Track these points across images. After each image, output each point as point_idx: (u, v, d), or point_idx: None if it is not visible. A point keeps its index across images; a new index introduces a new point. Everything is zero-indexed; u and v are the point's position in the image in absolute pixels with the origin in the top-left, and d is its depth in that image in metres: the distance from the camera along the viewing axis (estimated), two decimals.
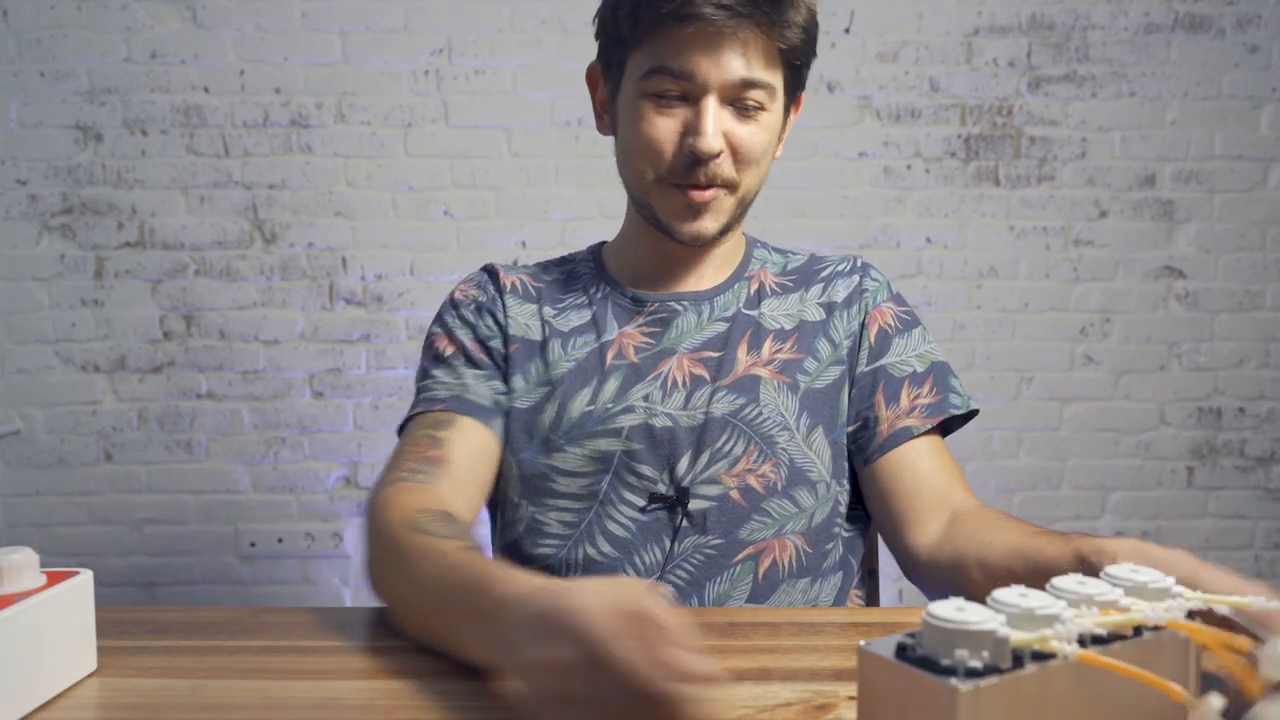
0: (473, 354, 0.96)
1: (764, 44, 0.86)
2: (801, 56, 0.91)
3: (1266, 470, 2.29)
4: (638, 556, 0.89)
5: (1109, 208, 2.24)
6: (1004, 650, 0.42)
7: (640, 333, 0.96)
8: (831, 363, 0.96)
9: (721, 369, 0.93)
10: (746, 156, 0.89)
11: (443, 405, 0.92)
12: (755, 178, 0.92)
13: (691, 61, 0.85)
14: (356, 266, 2.20)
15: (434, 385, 0.95)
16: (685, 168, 0.88)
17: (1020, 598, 0.45)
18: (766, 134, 0.90)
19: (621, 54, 0.91)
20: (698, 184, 0.88)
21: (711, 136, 0.86)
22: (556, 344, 0.96)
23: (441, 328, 0.99)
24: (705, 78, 0.85)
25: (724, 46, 0.85)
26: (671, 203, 0.91)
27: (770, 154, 0.93)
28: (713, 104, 0.86)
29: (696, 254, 0.98)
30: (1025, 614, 0.44)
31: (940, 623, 0.43)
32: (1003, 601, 0.45)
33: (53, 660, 0.59)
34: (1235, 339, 2.27)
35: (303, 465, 2.22)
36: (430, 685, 0.61)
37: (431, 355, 0.98)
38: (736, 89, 0.86)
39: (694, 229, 0.91)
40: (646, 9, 0.85)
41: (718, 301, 0.98)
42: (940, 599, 0.46)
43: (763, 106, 0.88)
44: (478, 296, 1.00)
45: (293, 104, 2.16)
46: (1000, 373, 2.27)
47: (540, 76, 2.16)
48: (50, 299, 2.17)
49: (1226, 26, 2.20)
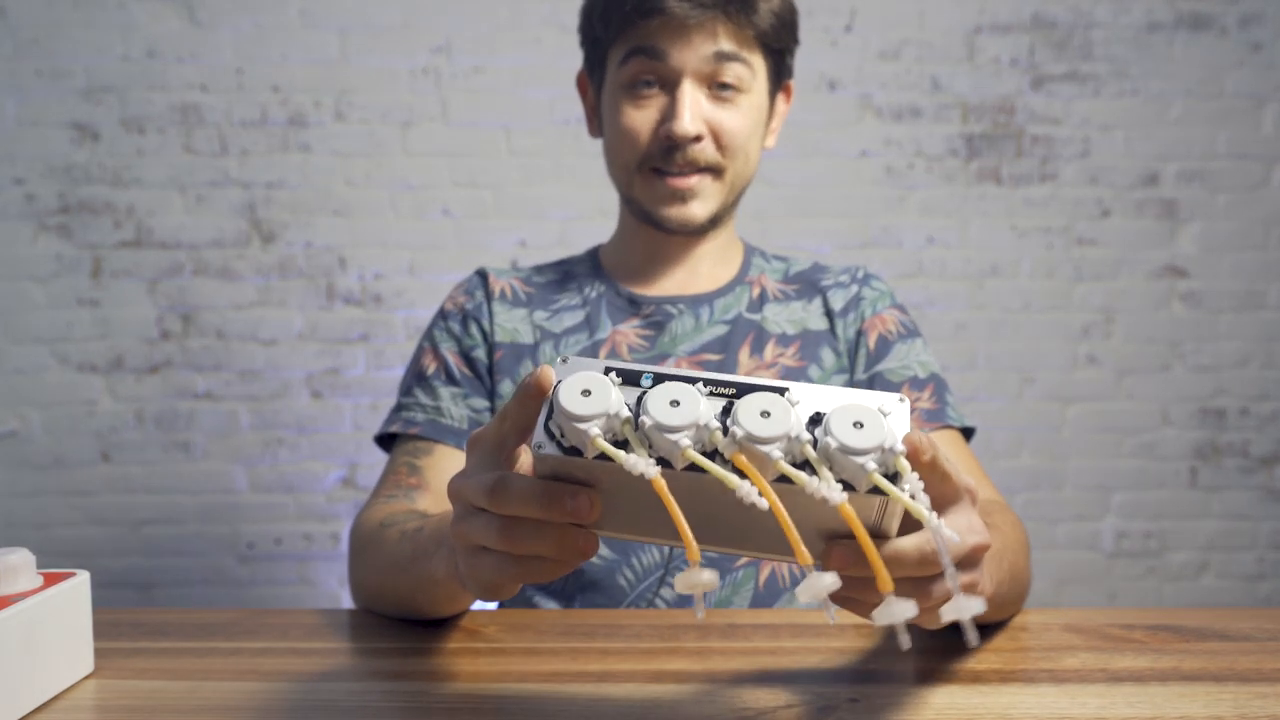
0: (454, 370, 0.96)
1: (734, 30, 0.87)
2: (779, 41, 0.91)
3: (1270, 471, 2.29)
4: (635, 559, 0.88)
5: (1111, 207, 2.24)
6: (584, 443, 0.44)
7: (635, 333, 0.96)
8: (835, 371, 0.95)
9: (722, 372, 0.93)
10: (730, 141, 0.89)
11: (418, 429, 0.92)
12: (742, 164, 0.92)
13: (663, 43, 0.87)
14: (355, 266, 2.19)
15: (412, 405, 0.95)
16: (663, 153, 0.89)
17: (674, 408, 0.44)
18: (748, 118, 0.90)
19: (601, 54, 0.94)
20: (679, 170, 0.89)
21: (687, 120, 0.87)
22: (548, 345, 0.96)
23: (429, 341, 1.00)
24: (679, 59, 0.87)
25: (694, 33, 0.87)
26: (655, 190, 0.91)
27: (756, 140, 0.92)
28: (688, 87, 0.88)
29: (690, 251, 0.97)
30: (656, 428, 0.44)
31: (560, 403, 0.45)
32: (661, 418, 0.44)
33: (49, 662, 0.58)
34: (1239, 339, 2.27)
35: (301, 466, 2.21)
36: (429, 687, 0.61)
37: (415, 371, 0.98)
38: (711, 65, 0.87)
39: (681, 215, 0.91)
40: (616, 7, 0.88)
41: (718, 304, 0.97)
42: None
43: (741, 88, 0.88)
44: (465, 304, 1.00)
45: (291, 102, 2.15)
46: (1002, 373, 2.26)
47: (540, 75, 2.16)
48: (47, 298, 2.16)
49: (1229, 25, 2.20)
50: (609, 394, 0.45)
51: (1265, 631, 0.72)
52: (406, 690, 0.60)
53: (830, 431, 0.44)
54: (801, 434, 0.44)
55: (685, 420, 0.44)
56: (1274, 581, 2.30)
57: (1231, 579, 2.30)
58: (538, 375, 0.47)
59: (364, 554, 0.80)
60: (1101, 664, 0.65)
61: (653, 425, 0.44)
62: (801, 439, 0.44)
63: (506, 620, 0.75)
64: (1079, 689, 0.60)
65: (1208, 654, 0.67)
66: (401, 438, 0.93)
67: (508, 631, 0.72)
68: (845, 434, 0.44)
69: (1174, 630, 0.72)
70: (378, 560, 0.76)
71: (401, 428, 0.93)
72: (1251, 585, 2.30)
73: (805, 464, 0.44)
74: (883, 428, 0.44)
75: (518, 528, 0.47)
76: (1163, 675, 0.62)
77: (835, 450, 0.44)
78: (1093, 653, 0.67)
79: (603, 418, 0.44)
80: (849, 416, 0.44)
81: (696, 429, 0.44)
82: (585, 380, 0.45)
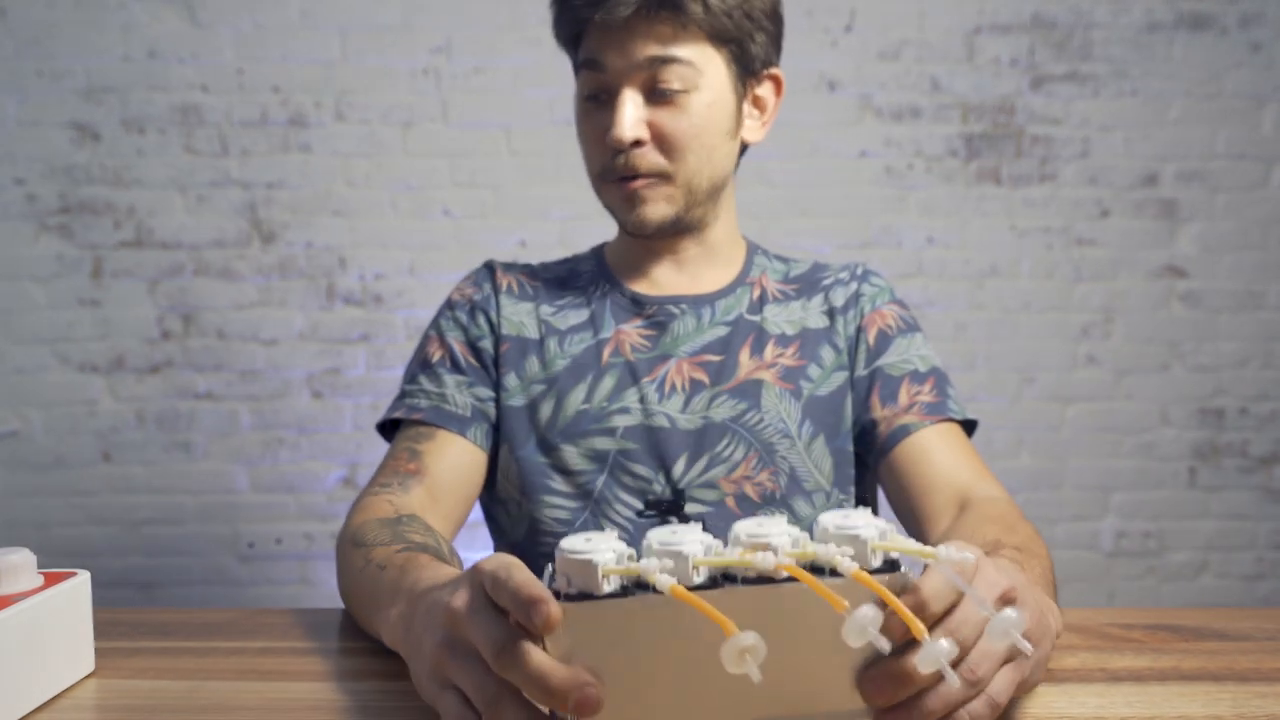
0: (459, 358, 0.96)
1: (675, 24, 0.86)
2: (732, 30, 0.88)
3: (1269, 471, 2.29)
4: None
5: (1111, 207, 2.24)
6: (593, 577, 0.43)
7: (638, 333, 0.96)
8: (835, 369, 0.95)
9: (723, 373, 0.93)
10: (672, 142, 0.88)
11: (421, 415, 0.93)
12: (696, 165, 0.90)
13: (601, 52, 0.87)
14: (355, 266, 2.19)
15: (416, 392, 0.95)
16: (609, 161, 0.89)
17: (672, 534, 0.46)
18: (695, 118, 0.88)
19: (572, 62, 0.95)
20: (622, 175, 0.89)
21: (623, 126, 0.87)
22: (553, 341, 0.96)
23: (435, 330, 1.00)
24: (614, 67, 0.87)
25: (632, 33, 0.86)
26: (612, 196, 0.93)
27: (711, 137, 0.90)
28: (627, 95, 0.88)
29: (680, 253, 0.98)
30: (663, 548, 0.44)
31: (560, 552, 0.45)
32: (659, 539, 0.46)
33: (50, 661, 0.59)
34: (1238, 339, 2.27)
35: (301, 466, 2.21)
36: None
37: (421, 359, 0.99)
38: (646, 70, 0.87)
39: (635, 218, 0.91)
40: (563, 9, 0.90)
41: (719, 305, 0.97)
42: None
43: (685, 88, 0.87)
44: (473, 295, 1.00)
45: (291, 103, 2.15)
46: (1001, 373, 2.26)
47: (540, 75, 2.16)
48: (48, 299, 2.16)
49: (1229, 25, 2.20)
50: (610, 538, 0.46)
51: (1264, 631, 0.72)
52: (406, 690, 0.59)
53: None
54: (803, 540, 0.45)
55: (684, 541, 0.45)
56: (1273, 581, 2.30)
57: (1230, 579, 2.30)
58: (547, 618, 0.42)
59: (338, 557, 0.80)
60: (1100, 663, 0.65)
61: (658, 546, 0.45)
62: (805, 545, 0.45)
63: None
64: (1078, 688, 0.60)
65: (1206, 654, 0.67)
66: (405, 424, 0.94)
67: None
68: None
69: (1173, 630, 0.72)
70: (343, 576, 0.77)
71: (405, 413, 0.93)
72: (1250, 585, 2.30)
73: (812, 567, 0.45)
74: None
75: (507, 697, 0.44)
76: (1161, 675, 0.62)
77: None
78: (1091, 652, 0.67)
79: (609, 551, 0.45)
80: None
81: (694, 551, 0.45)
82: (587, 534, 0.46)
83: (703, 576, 0.45)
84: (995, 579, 0.48)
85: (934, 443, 0.90)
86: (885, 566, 0.46)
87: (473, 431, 0.93)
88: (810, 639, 0.45)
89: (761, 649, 0.40)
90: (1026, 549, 0.69)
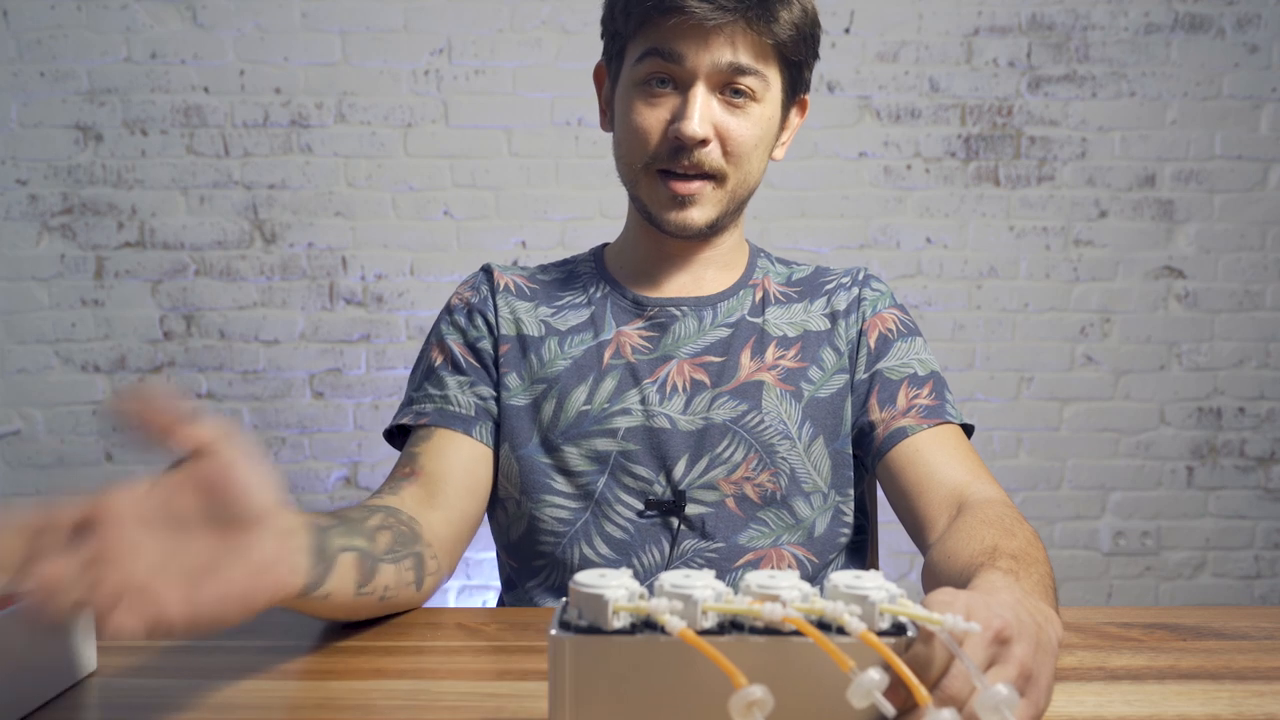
0: (460, 360, 0.96)
1: (753, 39, 0.87)
2: (797, 54, 0.90)
3: (1266, 470, 2.29)
4: (636, 559, 0.89)
5: (1109, 208, 2.24)
6: (604, 613, 0.45)
7: (639, 335, 0.96)
8: (836, 371, 0.96)
9: (724, 374, 0.93)
10: (736, 148, 0.88)
11: (427, 419, 0.93)
12: (746, 173, 0.91)
13: (681, 46, 0.86)
14: (356, 266, 2.19)
15: (421, 398, 0.96)
16: (670, 154, 0.88)
17: (685, 578, 0.47)
18: (758, 128, 0.89)
19: (620, 47, 0.93)
20: (683, 173, 0.89)
21: (696, 121, 0.86)
22: (553, 342, 0.96)
23: (435, 336, 1.00)
24: (694, 62, 0.86)
25: (712, 37, 0.86)
26: (657, 193, 0.91)
27: (763, 150, 0.92)
28: (700, 91, 0.87)
29: (694, 255, 0.97)
30: (674, 590, 0.46)
31: (574, 584, 0.46)
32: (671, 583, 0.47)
33: (52, 661, 0.59)
34: (1235, 339, 2.27)
35: (303, 465, 2.21)
36: (429, 686, 0.61)
37: (424, 367, 0.99)
38: (725, 75, 0.87)
39: (680, 219, 0.90)
40: (638, 2, 0.87)
41: (721, 307, 0.97)
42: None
43: (754, 97, 0.88)
44: (470, 299, 1.00)
45: (293, 104, 2.16)
46: (1000, 373, 2.27)
47: (540, 76, 2.16)
48: (50, 299, 2.16)
49: (1226, 26, 2.20)
50: (625, 575, 0.47)
51: (1261, 630, 0.72)
52: (406, 690, 0.60)
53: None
54: (812, 597, 0.46)
55: (694, 584, 0.46)
56: (1270, 580, 2.31)
57: (1228, 577, 2.31)
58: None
59: None
60: (1099, 662, 0.65)
61: (669, 588, 0.46)
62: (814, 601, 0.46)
63: (506, 619, 0.75)
64: (1077, 687, 0.60)
65: (1204, 652, 0.67)
66: (412, 430, 0.94)
67: (508, 630, 0.72)
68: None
69: (1171, 629, 0.72)
70: None
71: (412, 419, 0.94)
72: (1248, 584, 2.31)
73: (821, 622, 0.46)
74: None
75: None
76: (1160, 673, 0.63)
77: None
78: (1090, 651, 0.67)
79: (621, 589, 0.46)
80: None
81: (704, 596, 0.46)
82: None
83: (711, 621, 0.46)
84: (988, 619, 0.48)
85: (931, 445, 0.90)
86: (892, 630, 0.46)
87: (478, 430, 0.93)
88: (815, 695, 0.45)
89: (769, 702, 0.41)
90: (1023, 555, 0.69)
